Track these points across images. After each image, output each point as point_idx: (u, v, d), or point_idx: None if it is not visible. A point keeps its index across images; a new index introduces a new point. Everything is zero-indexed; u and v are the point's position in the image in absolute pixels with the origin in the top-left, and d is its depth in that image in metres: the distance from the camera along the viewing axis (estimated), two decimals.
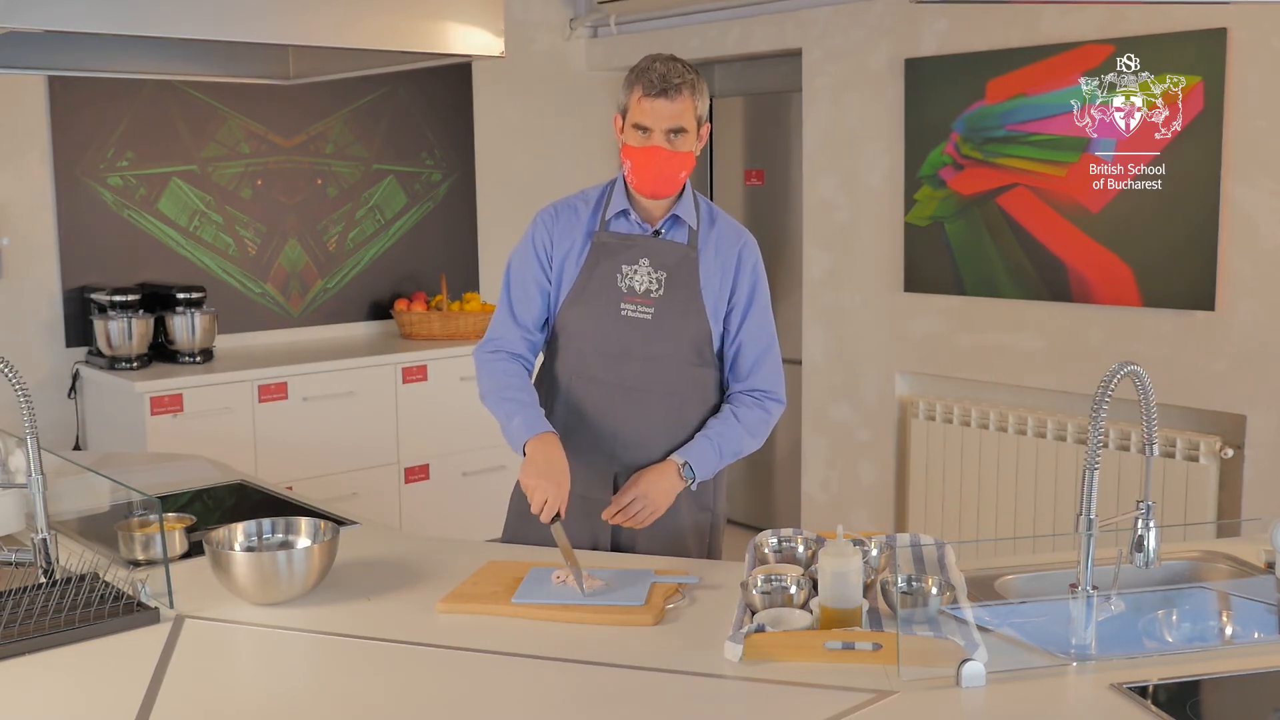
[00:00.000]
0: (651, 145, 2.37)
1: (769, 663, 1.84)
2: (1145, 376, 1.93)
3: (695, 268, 2.46)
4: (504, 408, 2.43)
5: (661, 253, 2.46)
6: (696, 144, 2.43)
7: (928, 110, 4.48)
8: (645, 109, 2.35)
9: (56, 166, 4.50)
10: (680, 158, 2.40)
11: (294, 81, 3.63)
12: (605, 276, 2.47)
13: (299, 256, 5.08)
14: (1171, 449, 3.94)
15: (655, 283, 2.46)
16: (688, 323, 2.46)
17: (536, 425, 2.38)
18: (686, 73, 2.37)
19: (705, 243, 2.49)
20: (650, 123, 2.36)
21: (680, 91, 2.35)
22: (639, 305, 2.46)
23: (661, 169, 2.39)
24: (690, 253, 2.47)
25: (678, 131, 2.37)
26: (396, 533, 2.77)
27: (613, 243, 2.48)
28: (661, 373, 2.47)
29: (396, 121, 5.30)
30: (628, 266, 2.46)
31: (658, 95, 2.34)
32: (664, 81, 2.33)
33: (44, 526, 2.23)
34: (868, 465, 4.87)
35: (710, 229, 2.50)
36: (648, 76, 2.35)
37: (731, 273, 2.49)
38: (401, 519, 4.74)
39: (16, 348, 4.38)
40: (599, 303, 2.47)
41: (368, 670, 1.89)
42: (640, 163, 2.39)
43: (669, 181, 2.42)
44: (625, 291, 2.46)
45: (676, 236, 2.48)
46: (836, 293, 4.90)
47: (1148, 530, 1.93)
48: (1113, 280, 4.04)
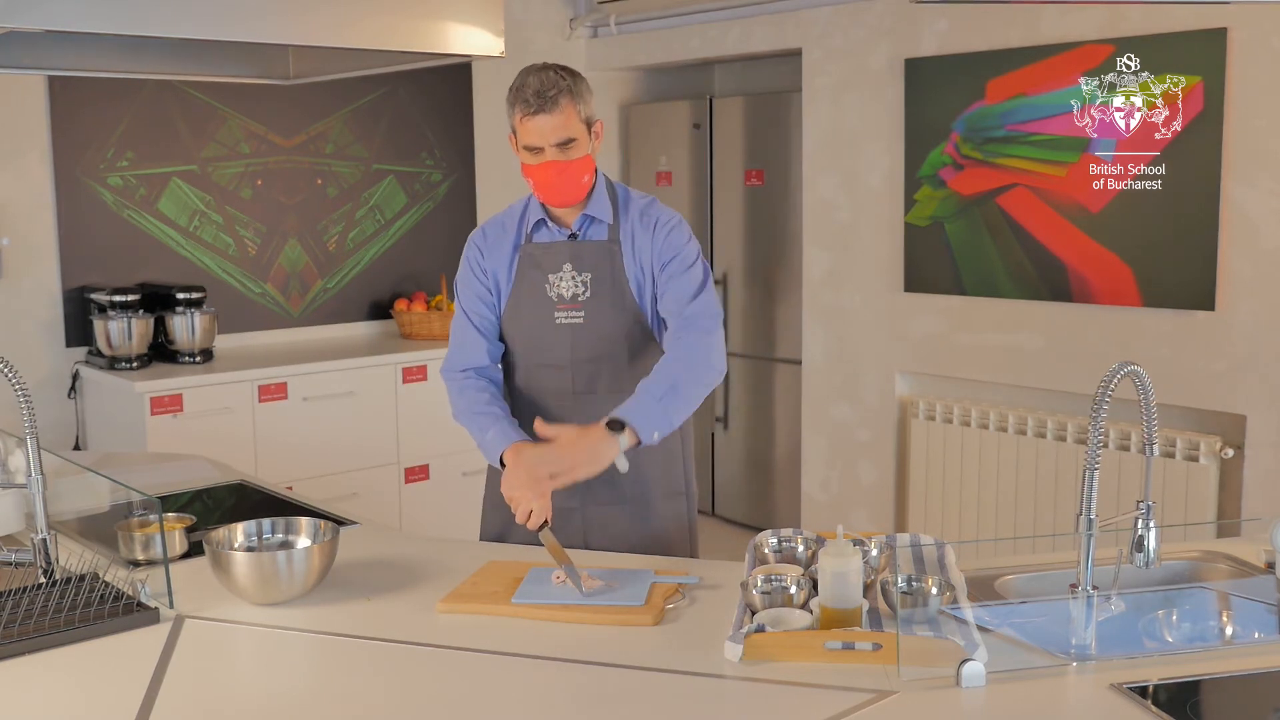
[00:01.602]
0: (544, 161, 2.36)
1: (769, 663, 1.84)
2: (1145, 376, 1.93)
3: (619, 260, 2.46)
4: (477, 422, 2.44)
5: (582, 255, 2.47)
6: (592, 143, 2.41)
7: (928, 110, 4.48)
8: (529, 128, 2.34)
9: (56, 166, 4.50)
10: (576, 165, 2.38)
11: (294, 81, 3.63)
12: (535, 288, 2.49)
13: (299, 256, 5.08)
14: (1171, 449, 3.94)
15: (581, 285, 2.47)
16: (620, 317, 2.47)
17: (511, 435, 2.38)
18: (561, 80, 2.34)
19: (625, 231, 2.48)
20: (536, 141, 2.34)
21: (557, 103, 2.31)
22: (570, 311, 2.47)
23: (561, 181, 2.38)
24: (612, 246, 2.47)
25: (566, 142, 2.35)
26: (396, 533, 2.77)
27: (536, 253, 2.49)
28: (604, 373, 2.48)
29: (396, 121, 5.30)
30: (553, 275, 2.48)
31: (536, 113, 2.32)
32: (540, 99, 2.31)
33: (44, 526, 2.23)
34: (868, 465, 4.87)
35: (627, 215, 2.48)
36: (523, 96, 2.33)
37: (648, 246, 2.46)
38: (401, 519, 4.74)
39: (16, 348, 4.38)
40: (534, 315, 2.50)
41: (368, 670, 1.89)
42: (540, 180, 2.40)
43: (572, 190, 2.41)
44: (555, 300, 2.48)
45: (595, 235, 2.48)
46: (836, 293, 4.90)
47: (1148, 530, 1.93)
48: (1113, 280, 4.04)
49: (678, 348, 2.37)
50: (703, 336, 2.38)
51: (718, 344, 2.41)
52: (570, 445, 2.23)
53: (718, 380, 2.41)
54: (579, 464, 2.21)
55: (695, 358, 2.35)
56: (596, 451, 2.21)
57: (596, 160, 2.47)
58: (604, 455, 2.22)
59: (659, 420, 2.27)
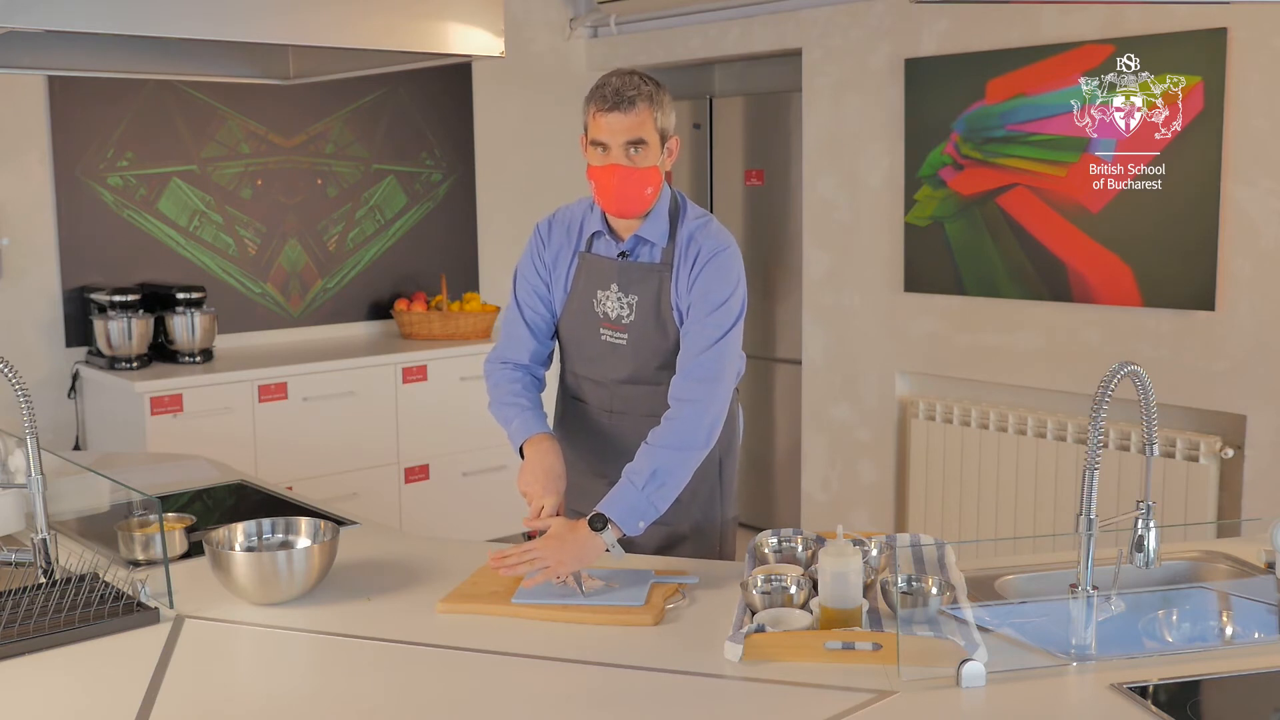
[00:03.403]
0: (611, 163, 2.29)
1: (769, 663, 1.84)
2: (1145, 376, 1.93)
3: (667, 286, 2.39)
4: (504, 413, 2.45)
5: (630, 277, 2.41)
6: (664, 158, 2.35)
7: (928, 110, 4.48)
8: (601, 124, 2.28)
9: (56, 166, 4.50)
10: (642, 174, 2.31)
11: (294, 81, 3.63)
12: (585, 300, 2.47)
13: (299, 256, 5.08)
14: (1171, 449, 3.94)
15: (626, 308, 2.42)
16: (663, 344, 2.42)
17: (533, 427, 2.39)
18: (644, 85, 2.29)
19: (683, 258, 2.38)
20: (606, 137, 2.28)
21: (635, 104, 2.26)
22: (614, 332, 2.44)
23: (624, 186, 2.31)
24: (662, 271, 2.39)
25: (637, 145, 2.28)
26: (396, 533, 2.77)
27: (591, 265, 2.46)
28: (641, 396, 2.46)
29: (396, 121, 5.30)
30: (601, 292, 2.44)
31: (611, 109, 2.27)
32: (617, 95, 2.26)
33: (44, 526, 2.23)
34: (868, 465, 4.87)
35: (689, 244, 2.38)
36: (601, 92, 2.28)
37: (686, 277, 2.38)
38: (401, 519, 4.74)
39: (16, 348, 4.38)
40: (582, 326, 2.48)
41: (368, 670, 1.89)
42: (603, 182, 2.33)
43: (634, 200, 2.34)
44: (601, 317, 2.45)
45: (645, 257, 2.41)
46: (836, 293, 4.90)
47: (1148, 530, 1.93)
48: (1113, 280, 4.04)
49: (666, 426, 2.29)
50: (694, 409, 2.28)
51: (713, 411, 2.31)
52: (558, 542, 2.17)
53: (708, 446, 2.31)
54: (566, 560, 2.14)
55: (683, 439, 2.27)
56: (583, 549, 2.16)
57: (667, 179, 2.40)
58: (590, 552, 2.17)
59: (643, 510, 2.22)
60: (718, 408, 2.32)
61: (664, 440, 2.27)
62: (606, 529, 2.18)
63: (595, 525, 2.18)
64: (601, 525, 2.18)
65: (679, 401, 2.31)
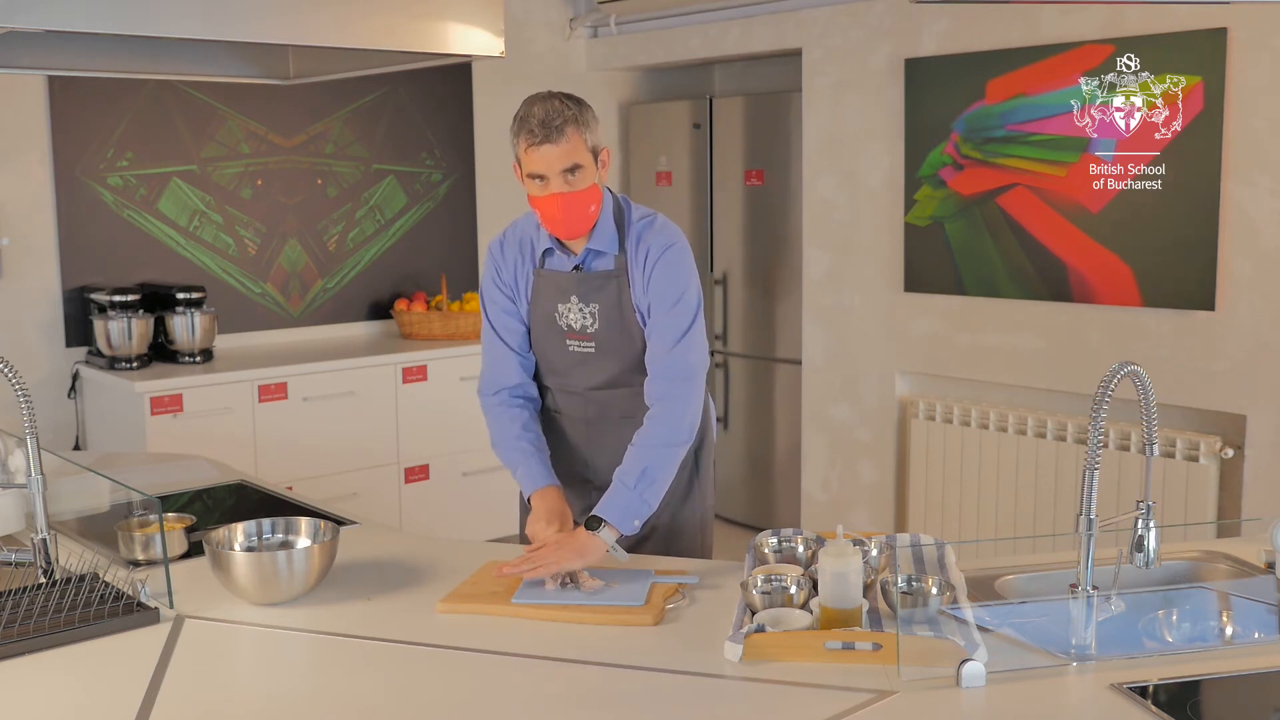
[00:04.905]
0: (550, 193, 2.32)
1: (769, 663, 1.84)
2: (1145, 376, 1.93)
3: (626, 289, 2.43)
4: (509, 457, 2.48)
5: (589, 287, 2.44)
6: (599, 172, 2.37)
7: (928, 110, 4.48)
8: (534, 158, 2.30)
9: (56, 166, 4.50)
10: (583, 195, 2.33)
11: (294, 81, 3.63)
12: (547, 314, 2.49)
13: (299, 256, 5.08)
14: (1171, 449, 3.94)
15: (589, 317, 2.45)
16: (630, 347, 2.45)
17: (538, 480, 2.42)
18: (566, 109, 2.30)
19: (635, 260, 2.43)
20: (542, 169, 2.30)
21: (563, 132, 2.27)
22: (580, 342, 2.47)
23: (569, 213, 2.34)
24: (619, 276, 2.43)
25: (573, 170, 2.30)
26: (396, 533, 2.77)
27: (548, 280, 2.48)
28: (616, 400, 2.49)
29: (396, 121, 5.30)
30: (562, 305, 2.47)
31: (542, 142, 2.28)
32: (545, 127, 2.27)
33: (44, 526, 2.23)
34: (868, 465, 4.87)
35: (638, 246, 2.43)
36: (528, 125, 2.28)
37: (640, 278, 2.42)
38: (401, 519, 4.74)
39: (16, 348, 4.38)
40: (548, 340, 2.51)
41: (368, 670, 1.89)
42: (548, 212, 2.36)
43: (580, 221, 2.37)
44: (565, 329, 2.48)
45: (600, 265, 2.45)
46: (836, 293, 4.90)
47: (1148, 530, 1.93)
48: (1113, 280, 4.04)
49: (649, 426, 2.36)
50: (673, 406, 2.36)
51: (692, 405, 2.38)
52: (557, 547, 2.22)
53: (691, 438, 2.39)
54: (566, 559, 2.19)
55: (668, 436, 2.35)
56: (584, 549, 2.22)
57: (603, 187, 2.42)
58: (592, 551, 2.22)
59: (637, 509, 2.29)
60: (696, 401, 2.41)
61: (649, 439, 2.34)
62: (603, 529, 2.25)
63: (591, 528, 2.25)
64: (597, 528, 2.25)
65: (658, 401, 2.38)
